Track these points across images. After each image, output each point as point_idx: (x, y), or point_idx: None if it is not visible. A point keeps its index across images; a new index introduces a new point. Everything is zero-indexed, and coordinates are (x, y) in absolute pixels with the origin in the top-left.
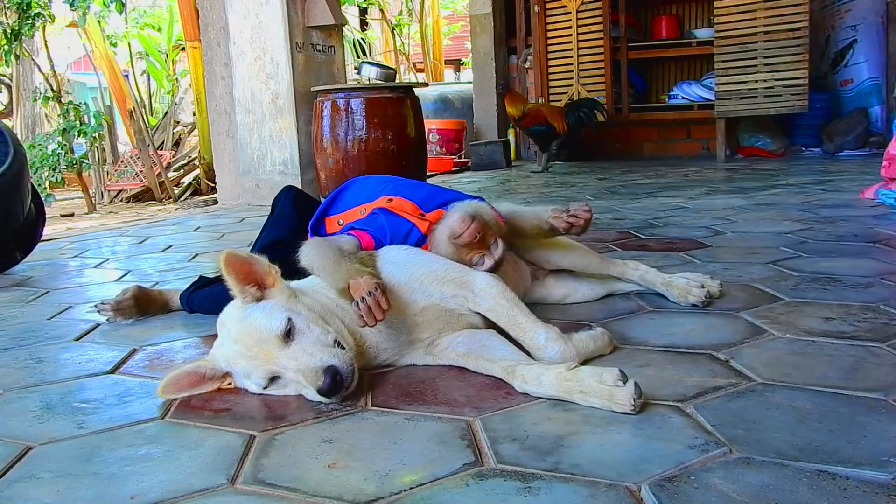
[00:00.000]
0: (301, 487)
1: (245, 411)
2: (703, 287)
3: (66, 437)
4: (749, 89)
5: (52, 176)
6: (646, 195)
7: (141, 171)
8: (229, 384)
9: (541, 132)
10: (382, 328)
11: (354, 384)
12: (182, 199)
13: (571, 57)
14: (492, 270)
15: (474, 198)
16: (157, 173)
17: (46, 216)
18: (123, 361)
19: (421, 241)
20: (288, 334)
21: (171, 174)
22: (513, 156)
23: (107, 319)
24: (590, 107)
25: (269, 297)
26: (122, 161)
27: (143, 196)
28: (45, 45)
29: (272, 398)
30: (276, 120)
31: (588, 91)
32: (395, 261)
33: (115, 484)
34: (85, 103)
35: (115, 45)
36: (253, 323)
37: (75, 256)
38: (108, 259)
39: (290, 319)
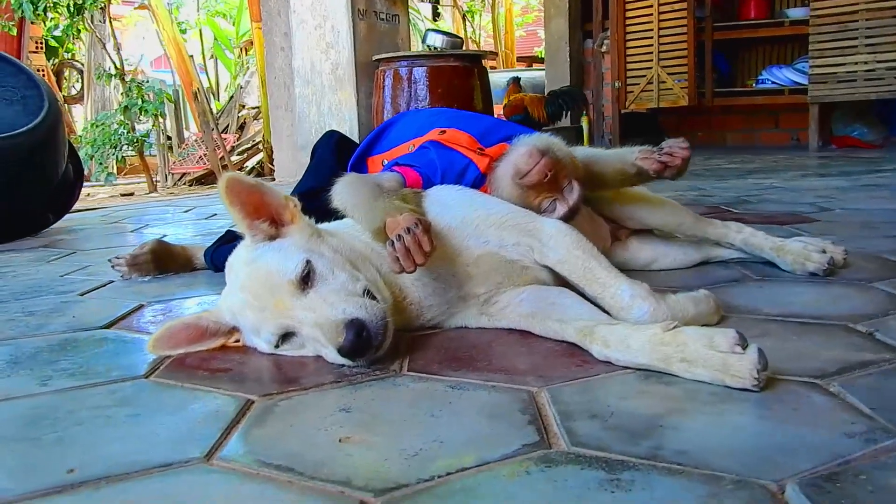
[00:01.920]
0: (297, 467)
1: (249, 373)
2: (824, 252)
3: (21, 394)
4: (847, 72)
5: (115, 154)
6: (733, 177)
7: (204, 155)
8: (237, 341)
9: (519, 122)
10: (427, 280)
11: (387, 344)
12: None
13: (651, 39)
14: (565, 220)
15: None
16: (220, 157)
17: (83, 182)
18: (124, 317)
19: (479, 182)
20: (306, 280)
21: (234, 158)
22: (585, 143)
23: (121, 276)
24: (572, 96)
25: (286, 235)
26: (186, 144)
27: (207, 179)
28: (110, 21)
29: (286, 359)
30: (336, 92)
31: (669, 74)
32: (446, 202)
33: (55, 453)
34: (148, 82)
35: (184, 31)
36: (263, 266)
37: (114, 223)
38: (146, 225)
39: (308, 262)
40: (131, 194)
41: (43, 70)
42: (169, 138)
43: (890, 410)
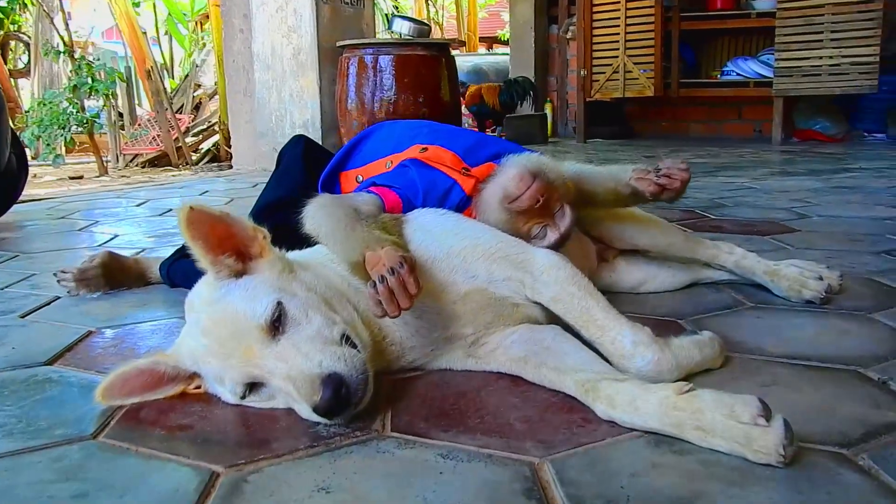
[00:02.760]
0: None
1: (213, 431)
2: (821, 279)
3: None
4: (812, 66)
5: (63, 135)
6: (703, 174)
7: (158, 136)
8: (198, 388)
9: (475, 111)
10: (410, 319)
11: (367, 399)
12: (199, 165)
13: (618, 27)
14: (555, 247)
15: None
16: (174, 138)
17: (28, 173)
18: (70, 348)
19: (464, 204)
20: (276, 324)
21: (189, 139)
22: (549, 131)
23: (67, 292)
24: (524, 87)
25: (254, 271)
26: (138, 124)
27: (160, 161)
28: None
29: (254, 412)
30: (298, 78)
31: (635, 63)
32: (429, 228)
33: None
34: (97, 59)
35: (137, 3)
36: (228, 308)
37: (62, 218)
38: (96, 222)
39: (279, 303)
40: (81, 177)
41: None
42: (121, 115)
43: None
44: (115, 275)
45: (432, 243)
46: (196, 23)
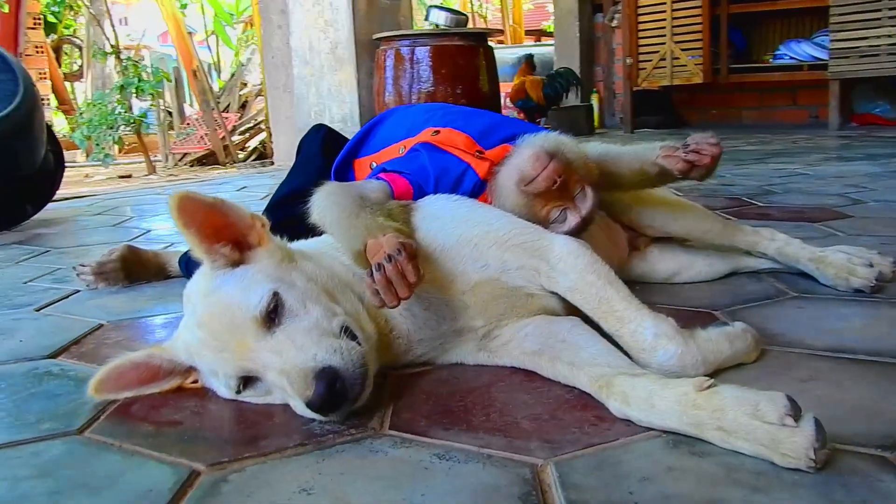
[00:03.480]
0: None
1: (202, 428)
2: (871, 266)
3: None
4: (870, 46)
5: (111, 135)
6: (752, 161)
7: (205, 135)
8: (194, 382)
9: (521, 105)
10: (417, 310)
11: (366, 395)
12: (246, 162)
13: (665, 13)
14: (576, 232)
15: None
16: (221, 136)
17: (65, 170)
18: (77, 341)
19: (478, 189)
20: (272, 316)
21: (235, 137)
22: (595, 123)
23: (87, 286)
24: (567, 78)
25: (252, 260)
26: (186, 123)
27: (208, 160)
28: None
29: (250, 408)
30: (336, 72)
31: (682, 50)
32: (440, 216)
33: None
34: (143, 60)
35: (185, 6)
36: (223, 299)
37: (98, 214)
38: (131, 218)
39: (276, 294)
40: (129, 176)
41: (42, 47)
42: (170, 114)
43: None
44: (134, 268)
45: (442, 231)
46: (246, 23)
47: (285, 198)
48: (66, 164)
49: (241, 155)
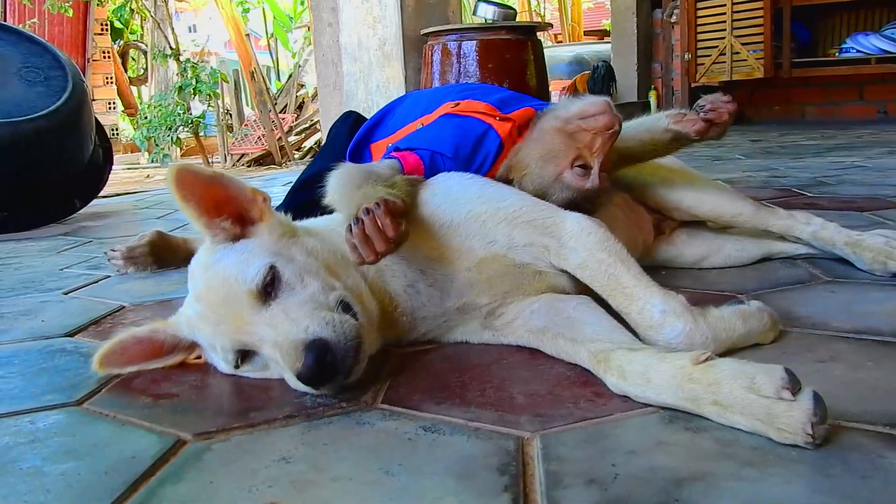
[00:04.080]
0: None
1: (197, 401)
2: None
3: None
4: None
5: (170, 136)
6: (810, 155)
7: (263, 135)
8: (198, 357)
9: None
10: (422, 287)
11: (359, 369)
12: (302, 161)
13: (725, 6)
14: (584, 205)
15: None
16: (277, 137)
17: (113, 165)
18: (97, 322)
19: (498, 152)
20: (268, 289)
21: (292, 138)
22: None
23: (117, 270)
24: (601, 73)
25: (253, 235)
26: (245, 124)
27: (265, 160)
28: (165, 1)
29: (248, 382)
30: (384, 68)
31: (743, 44)
32: (450, 192)
33: None
34: (204, 62)
35: (247, 10)
36: (221, 272)
37: (146, 208)
38: (175, 211)
39: (272, 268)
40: None
41: (108, 52)
42: (229, 114)
43: None
44: (163, 254)
45: (450, 207)
46: (307, 27)
47: (308, 181)
48: (130, 166)
49: (298, 155)
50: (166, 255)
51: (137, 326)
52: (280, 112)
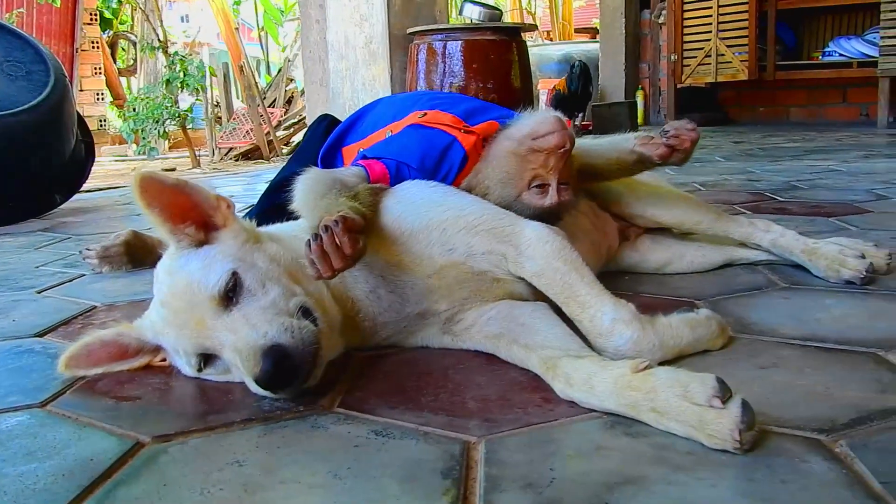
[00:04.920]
0: None
1: (159, 403)
2: (862, 257)
3: None
4: None
5: (157, 129)
6: (789, 158)
7: (251, 129)
8: (163, 360)
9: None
10: (383, 293)
11: (317, 374)
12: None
13: (711, 8)
14: (549, 217)
15: None
16: (265, 131)
17: (94, 160)
18: (67, 322)
19: (462, 164)
20: (230, 295)
21: (280, 132)
22: (640, 119)
23: (92, 269)
24: (579, 72)
25: (217, 241)
26: (234, 117)
27: (253, 154)
28: None
29: (211, 385)
30: (370, 66)
31: (728, 46)
32: (412, 200)
33: None
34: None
35: (238, 2)
36: (184, 278)
37: (128, 203)
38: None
39: (234, 274)
40: (173, 170)
41: (97, 42)
42: (218, 106)
43: None
44: (139, 253)
45: (412, 215)
46: (299, 20)
47: (279, 185)
48: (117, 158)
49: (286, 150)
50: (141, 254)
51: (107, 328)
52: (269, 106)
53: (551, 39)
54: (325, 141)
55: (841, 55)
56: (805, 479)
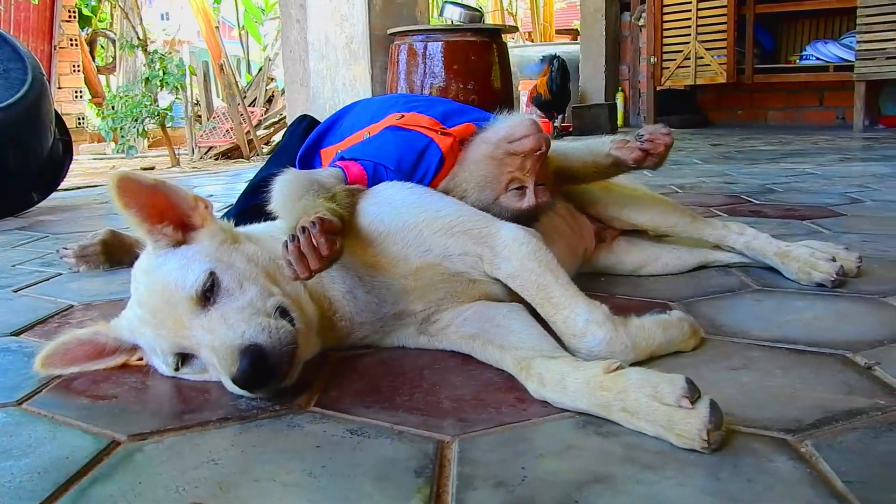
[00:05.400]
0: None
1: (136, 402)
2: (833, 260)
3: None
4: None
5: (136, 127)
6: (766, 160)
7: (231, 128)
8: (140, 359)
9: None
10: (360, 293)
11: (294, 374)
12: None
13: (690, 12)
14: (526, 219)
15: None
16: (246, 130)
17: (73, 158)
18: (44, 321)
19: (439, 166)
20: (207, 295)
21: (261, 132)
22: (620, 121)
23: (69, 268)
24: (557, 67)
25: (194, 241)
26: (214, 116)
27: (233, 153)
28: None
29: (187, 385)
30: (350, 66)
31: (707, 49)
32: (390, 201)
33: None
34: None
35: (218, 0)
36: (161, 278)
37: (107, 202)
38: None
39: (212, 274)
40: (152, 168)
41: (76, 39)
42: (197, 104)
43: (868, 485)
44: (116, 252)
45: (388, 216)
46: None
47: (257, 185)
48: (96, 157)
49: (266, 149)
50: (119, 253)
51: (83, 327)
52: (249, 105)
53: (532, 41)
54: (303, 142)
55: (818, 59)
56: (770, 478)
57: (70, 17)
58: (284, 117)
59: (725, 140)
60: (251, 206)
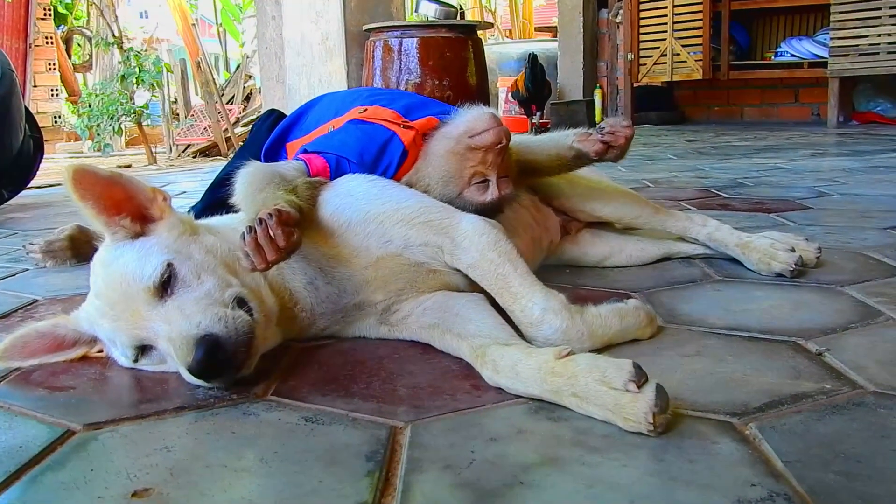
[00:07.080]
0: None
1: (93, 392)
2: (793, 251)
3: None
4: (870, 45)
5: (112, 125)
6: (739, 156)
7: (209, 126)
8: (100, 351)
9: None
10: (321, 284)
11: (251, 363)
12: None
13: (666, 8)
14: (489, 212)
15: None
16: (223, 128)
17: (44, 155)
18: (6, 316)
19: (402, 159)
20: (165, 286)
21: (239, 129)
22: (598, 118)
23: (35, 264)
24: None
25: (153, 233)
26: (192, 114)
27: (211, 151)
28: None
29: (146, 376)
30: (326, 63)
31: (683, 46)
32: (351, 193)
33: None
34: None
35: None
36: (119, 269)
37: None
38: None
39: (169, 265)
40: (129, 166)
41: (51, 37)
42: (174, 102)
43: (807, 464)
44: (83, 248)
45: (349, 208)
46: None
47: (222, 180)
48: (72, 155)
49: None
50: (86, 248)
51: (44, 320)
52: (227, 103)
53: (512, 38)
54: (270, 133)
55: (792, 55)
56: (712, 458)
57: (45, 14)
58: None
59: (701, 136)
60: (216, 200)
